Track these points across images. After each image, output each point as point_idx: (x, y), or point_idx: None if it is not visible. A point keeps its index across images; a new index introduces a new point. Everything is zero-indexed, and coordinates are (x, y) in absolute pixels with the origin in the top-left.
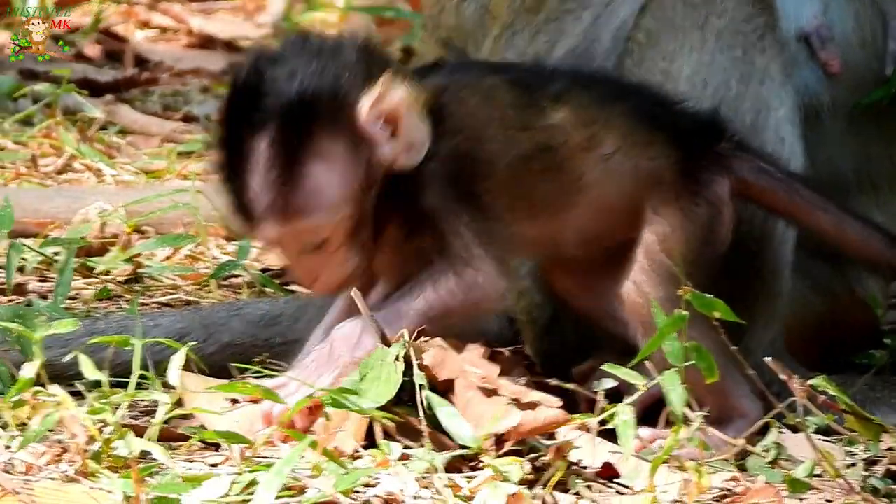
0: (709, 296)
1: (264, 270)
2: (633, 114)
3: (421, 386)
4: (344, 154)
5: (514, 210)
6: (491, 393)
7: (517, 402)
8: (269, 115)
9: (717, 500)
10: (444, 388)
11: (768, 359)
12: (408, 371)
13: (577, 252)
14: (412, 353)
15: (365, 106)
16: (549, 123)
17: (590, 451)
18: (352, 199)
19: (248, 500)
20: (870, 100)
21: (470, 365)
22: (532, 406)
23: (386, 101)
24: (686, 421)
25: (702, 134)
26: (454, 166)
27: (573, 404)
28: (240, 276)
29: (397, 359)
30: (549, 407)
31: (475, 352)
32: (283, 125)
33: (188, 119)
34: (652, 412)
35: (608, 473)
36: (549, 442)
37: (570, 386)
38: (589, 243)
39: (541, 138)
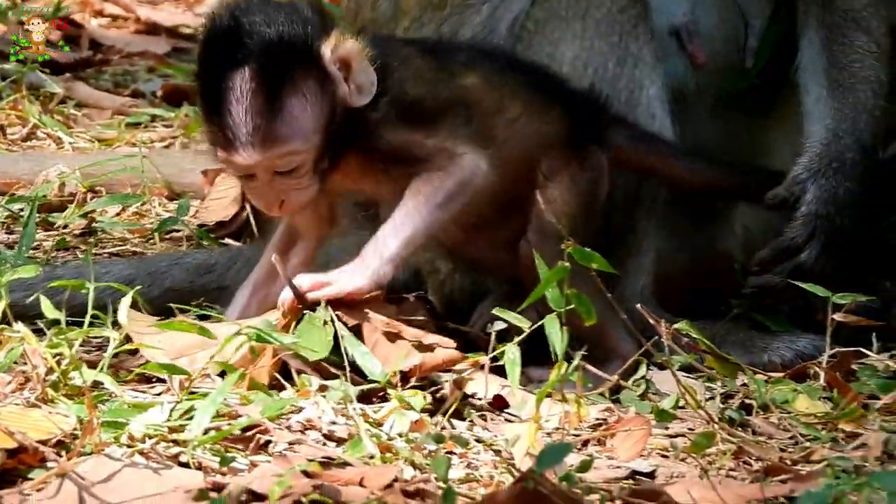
0: (587, 249)
1: (201, 226)
2: (531, 84)
3: (343, 336)
4: (315, 89)
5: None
6: (395, 337)
7: (419, 345)
8: (250, 54)
9: (594, 428)
10: (352, 332)
11: (639, 305)
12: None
13: (482, 210)
14: (332, 315)
15: (327, 50)
16: (462, 84)
17: (483, 385)
18: (321, 129)
19: (187, 424)
20: (731, 88)
21: (372, 311)
22: (431, 348)
23: (341, 48)
24: (568, 359)
25: (586, 107)
26: (394, 107)
27: (471, 345)
28: (180, 230)
29: (325, 323)
30: (446, 348)
31: (375, 298)
32: (263, 63)
33: (136, 95)
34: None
35: (499, 404)
36: (447, 376)
37: (467, 329)
38: (493, 201)
39: (457, 93)
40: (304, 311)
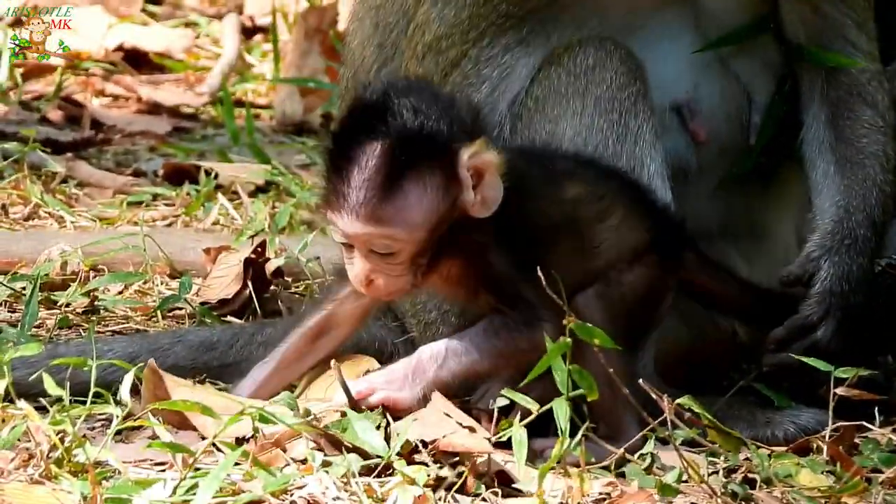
0: (589, 325)
1: (203, 304)
2: (628, 192)
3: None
4: (438, 187)
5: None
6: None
7: (458, 423)
8: (388, 132)
9: (599, 502)
10: None
11: (641, 381)
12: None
13: None
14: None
15: (465, 155)
16: (569, 198)
17: (488, 461)
18: (430, 226)
19: (190, 500)
20: (736, 170)
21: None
22: (470, 429)
23: (480, 158)
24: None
25: (668, 222)
26: (514, 230)
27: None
28: (182, 308)
29: (378, 427)
30: (481, 436)
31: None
32: (397, 145)
33: (137, 174)
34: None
35: (503, 479)
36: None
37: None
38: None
39: (566, 209)
40: None
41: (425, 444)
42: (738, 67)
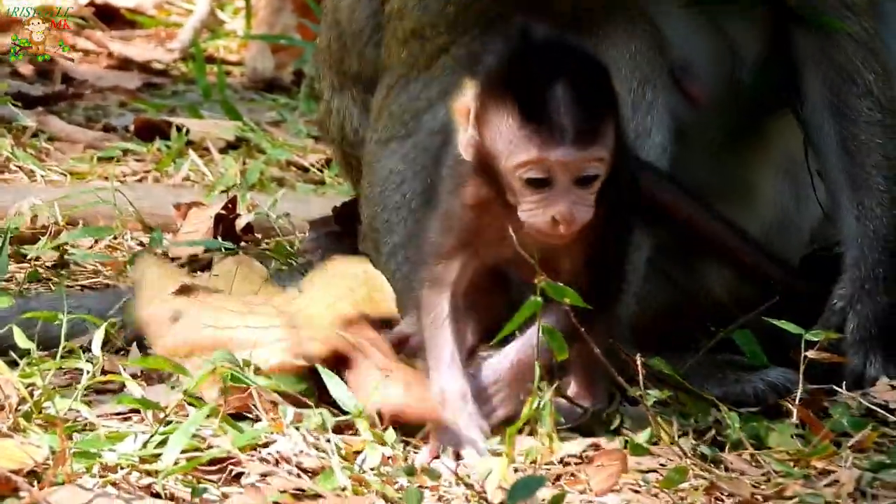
0: (559, 284)
1: (173, 259)
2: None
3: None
4: (616, 117)
5: None
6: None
7: (407, 386)
8: (575, 64)
9: (568, 463)
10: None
11: (611, 340)
12: None
13: None
14: None
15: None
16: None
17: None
18: (615, 153)
19: (160, 455)
20: (728, 131)
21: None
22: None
23: None
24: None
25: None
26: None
27: None
28: None
29: None
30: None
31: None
32: (593, 76)
33: (108, 129)
34: None
35: None
36: None
37: None
38: None
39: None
40: None
41: (381, 417)
42: (729, 26)
